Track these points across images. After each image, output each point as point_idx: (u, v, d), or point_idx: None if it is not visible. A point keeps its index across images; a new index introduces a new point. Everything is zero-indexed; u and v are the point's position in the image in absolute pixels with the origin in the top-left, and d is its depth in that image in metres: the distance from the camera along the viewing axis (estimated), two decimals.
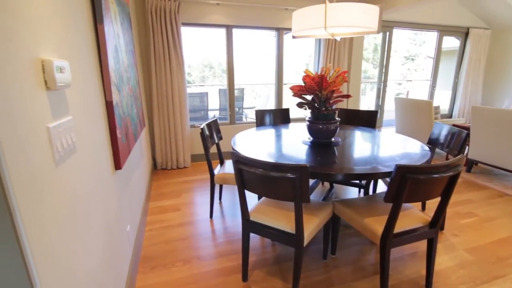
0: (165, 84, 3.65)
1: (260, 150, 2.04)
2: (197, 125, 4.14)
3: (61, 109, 0.92)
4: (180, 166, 3.95)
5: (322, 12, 1.96)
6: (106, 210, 1.36)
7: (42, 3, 0.84)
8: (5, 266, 0.63)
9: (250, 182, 1.57)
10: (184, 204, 2.90)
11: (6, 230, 0.62)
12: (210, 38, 4.44)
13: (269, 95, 6.19)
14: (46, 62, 0.81)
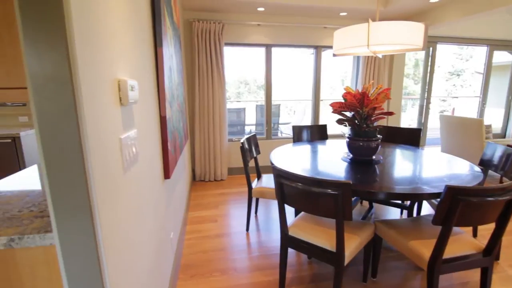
0: (207, 100, 3.85)
1: (298, 165, 2.06)
2: (235, 139, 4.27)
3: (129, 123, 1.04)
4: (217, 178, 4.07)
5: (365, 31, 1.98)
6: (157, 216, 1.46)
7: (121, 33, 0.98)
8: (82, 253, 0.73)
9: (290, 197, 1.59)
10: (221, 216, 2.97)
11: (86, 224, 0.72)
12: (246, 56, 4.64)
13: (305, 111, 6.20)
14: (122, 81, 0.93)
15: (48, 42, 0.61)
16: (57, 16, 0.60)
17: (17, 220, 0.93)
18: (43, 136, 0.65)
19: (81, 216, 0.70)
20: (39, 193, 1.19)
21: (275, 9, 3.75)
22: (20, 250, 0.86)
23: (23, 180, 1.38)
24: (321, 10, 3.84)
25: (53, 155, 0.66)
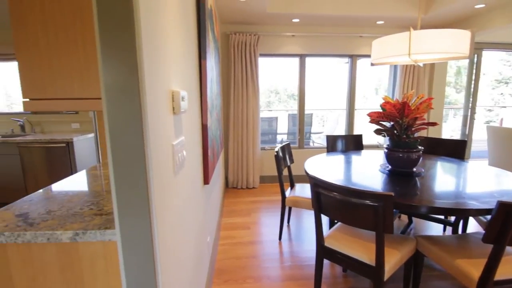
0: (241, 110, 3.95)
1: (332, 175, 2.04)
2: (267, 148, 4.31)
3: (179, 130, 1.11)
4: (250, 186, 4.12)
5: (406, 40, 1.94)
6: (197, 219, 1.53)
7: (175, 48, 1.07)
8: (140, 249, 0.79)
9: (328, 207, 1.58)
10: (253, 223, 3.00)
11: (145, 222, 0.78)
12: (277, 65, 4.73)
13: (338, 120, 6.10)
14: (175, 92, 1.01)
15: (122, 60, 0.69)
16: (130, 39, 0.68)
17: (80, 217, 1.03)
18: (113, 140, 0.73)
19: (141, 215, 0.77)
20: (94, 193, 1.31)
21: (310, 19, 3.79)
22: (83, 244, 0.95)
23: (76, 183, 1.52)
24: (357, 19, 3.81)
25: (120, 158, 0.73)
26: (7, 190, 3.28)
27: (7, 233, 0.92)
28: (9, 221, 1.00)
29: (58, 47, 0.83)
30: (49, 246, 0.94)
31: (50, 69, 0.85)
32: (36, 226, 0.96)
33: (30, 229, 0.94)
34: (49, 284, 0.97)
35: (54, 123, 3.83)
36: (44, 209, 1.11)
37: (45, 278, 0.97)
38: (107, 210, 1.09)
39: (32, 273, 0.96)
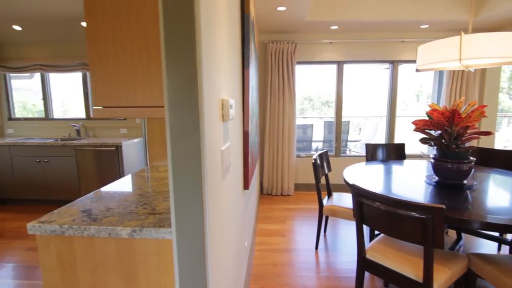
0: (277, 117, 3.98)
1: (374, 185, 1.97)
2: (303, 155, 4.28)
3: (226, 136, 1.17)
4: (284, 193, 4.11)
5: (456, 44, 1.84)
6: (237, 223, 1.57)
7: (224, 59, 1.13)
8: (193, 248, 0.84)
9: (370, 217, 1.54)
10: (289, 231, 2.98)
11: (199, 223, 0.83)
12: (311, 72, 4.71)
13: (377, 128, 5.88)
14: (225, 101, 1.07)
15: (184, 72, 0.75)
16: (192, 54, 0.75)
17: (136, 215, 1.12)
18: (173, 145, 0.79)
19: (196, 216, 0.82)
20: (146, 193, 1.40)
21: (349, 26, 3.74)
22: (139, 240, 1.03)
23: (129, 184, 1.64)
24: (399, 24, 3.68)
25: (179, 161, 0.79)
26: (64, 188, 3.62)
27: (75, 226, 1.03)
28: (75, 216, 1.12)
29: (125, 61, 0.93)
30: (110, 240, 1.04)
31: (117, 80, 0.94)
32: (99, 221, 1.06)
33: (94, 224, 1.04)
34: (108, 276, 1.06)
35: (105, 128, 4.17)
36: (104, 206, 1.22)
37: (104, 270, 1.06)
38: (159, 210, 1.17)
39: (94, 264, 1.06)
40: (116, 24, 0.92)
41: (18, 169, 3.62)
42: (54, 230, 1.04)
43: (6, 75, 4.26)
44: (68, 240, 1.05)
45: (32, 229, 1.05)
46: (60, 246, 1.06)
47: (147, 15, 0.90)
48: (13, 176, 3.64)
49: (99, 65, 0.94)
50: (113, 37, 0.92)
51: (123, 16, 0.91)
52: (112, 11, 0.91)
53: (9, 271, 2.31)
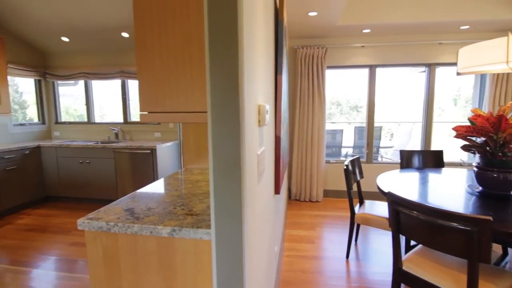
0: (306, 122, 3.95)
1: (410, 194, 1.89)
2: (332, 161, 4.20)
3: (261, 141, 1.19)
4: (313, 199, 4.06)
5: (503, 46, 1.73)
6: (269, 227, 1.58)
7: (260, 65, 1.16)
8: (230, 249, 0.86)
9: (408, 227, 1.48)
10: (318, 238, 2.93)
11: (238, 225, 0.85)
12: (340, 76, 4.63)
13: (411, 134, 5.63)
14: (261, 106, 1.09)
15: (226, 80, 0.78)
16: (234, 62, 0.78)
17: (174, 215, 1.17)
18: (214, 148, 0.82)
19: (235, 218, 0.84)
20: (182, 195, 1.46)
21: (382, 29, 3.64)
22: (178, 240, 1.07)
23: (166, 185, 1.72)
24: (436, 25, 3.52)
25: (220, 165, 0.82)
26: (103, 188, 3.85)
27: (120, 224, 1.10)
28: (120, 214, 1.19)
29: (170, 70, 0.98)
30: (151, 238, 1.09)
31: (162, 88, 1.00)
32: (141, 220, 1.12)
33: (137, 222, 1.10)
34: (148, 273, 1.12)
35: (140, 132, 4.38)
36: (145, 206, 1.29)
37: (145, 267, 1.12)
38: (196, 211, 1.21)
39: (136, 260, 1.12)
40: (162, 35, 0.98)
41: (63, 169, 3.91)
42: (101, 227, 1.11)
43: (55, 83, 4.64)
44: (113, 236, 1.12)
45: (81, 225, 1.14)
46: (106, 242, 1.13)
47: (191, 27, 0.95)
48: (59, 175, 3.94)
49: (146, 73, 1.01)
50: (160, 47, 0.98)
51: (168, 27, 0.97)
52: (158, 22, 0.98)
53: (53, 264, 2.49)
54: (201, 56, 0.96)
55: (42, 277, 2.30)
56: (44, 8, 3.38)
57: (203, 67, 0.96)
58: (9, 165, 3.51)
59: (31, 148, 3.81)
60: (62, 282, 2.22)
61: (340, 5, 2.88)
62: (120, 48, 4.25)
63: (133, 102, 4.56)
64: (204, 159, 2.10)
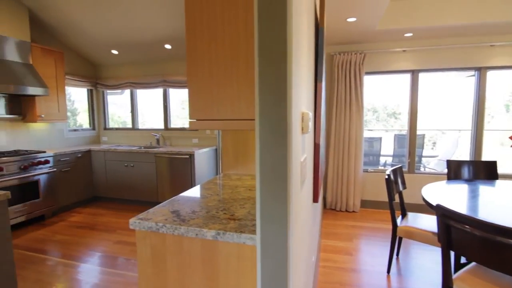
0: (343, 129, 3.86)
1: (459, 207, 1.76)
2: (370, 170, 4.04)
3: (303, 148, 1.19)
4: (349, 209, 3.92)
5: None
6: (308, 235, 1.56)
7: (304, 73, 1.17)
8: (275, 255, 0.87)
9: (460, 243, 1.37)
10: (356, 250, 2.82)
11: (283, 231, 0.86)
12: (376, 82, 4.46)
13: (458, 143, 5.24)
14: (305, 114, 1.10)
15: (275, 89, 0.81)
16: (283, 73, 0.80)
17: (218, 219, 1.21)
18: (262, 154, 0.84)
19: (281, 224, 0.85)
20: (223, 200, 1.50)
21: (426, 32, 3.47)
22: (221, 243, 1.10)
23: (206, 190, 1.78)
24: (487, 27, 3.28)
25: (267, 171, 0.84)
26: (145, 190, 4.07)
27: (168, 225, 1.16)
28: (167, 216, 1.26)
29: (218, 80, 1.03)
30: (196, 240, 1.14)
31: (210, 97, 1.06)
32: (187, 222, 1.18)
33: (183, 224, 1.16)
34: (192, 273, 1.16)
35: (179, 138, 4.59)
36: (189, 209, 1.35)
37: (189, 268, 1.17)
38: (238, 216, 1.24)
39: (181, 261, 1.17)
40: (212, 48, 1.04)
41: (110, 172, 4.20)
42: (151, 227, 1.18)
43: (104, 92, 5.04)
44: (161, 237, 1.18)
45: (133, 224, 1.22)
46: (154, 242, 1.20)
47: (239, 39, 1.00)
48: (106, 177, 4.24)
49: (196, 83, 1.07)
50: (209, 59, 1.04)
51: (218, 39, 1.03)
52: (209, 35, 1.04)
53: (99, 260, 2.67)
54: (247, 67, 0.99)
55: (89, 271, 2.48)
56: (98, 24, 3.71)
57: (249, 78, 1.00)
58: (64, 167, 3.86)
59: (83, 152, 4.16)
60: (106, 277, 2.38)
61: (380, 10, 2.81)
62: (163, 59, 4.52)
63: (173, 110, 4.80)
64: (241, 165, 2.14)
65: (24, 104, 3.75)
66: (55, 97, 3.91)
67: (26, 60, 3.52)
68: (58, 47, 4.25)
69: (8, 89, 3.13)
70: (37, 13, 3.63)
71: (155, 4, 3.23)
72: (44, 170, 3.53)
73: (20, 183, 3.27)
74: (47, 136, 4.16)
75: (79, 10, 3.48)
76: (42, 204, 3.54)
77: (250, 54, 0.99)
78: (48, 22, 3.81)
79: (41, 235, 3.20)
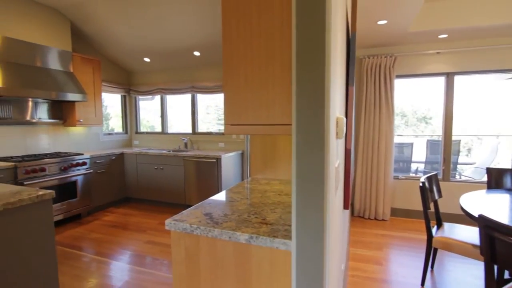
0: (372, 134, 3.75)
1: (502, 218, 1.64)
2: (401, 177, 3.89)
3: (337, 154, 1.18)
4: (378, 217, 3.79)
5: None
6: (338, 243, 1.52)
7: (337, 78, 1.16)
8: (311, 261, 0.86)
9: (506, 257, 1.28)
10: (386, 260, 2.72)
11: (319, 237, 0.85)
12: (405, 86, 4.28)
13: (497, 149, 4.91)
14: (339, 119, 1.09)
15: (312, 96, 0.81)
16: (321, 79, 0.80)
17: (250, 223, 1.22)
18: (299, 161, 0.84)
19: (317, 231, 0.84)
20: (253, 204, 1.51)
21: (463, 33, 3.30)
22: (254, 247, 1.11)
23: (235, 193, 1.80)
24: None
25: (303, 177, 0.84)
26: (173, 192, 4.19)
27: (202, 227, 1.19)
28: (200, 218, 1.29)
29: (253, 86, 1.06)
30: (229, 243, 1.15)
31: (245, 102, 1.08)
32: (220, 225, 1.20)
33: (216, 226, 1.18)
34: (225, 276, 1.18)
35: (206, 142, 4.69)
36: (221, 212, 1.37)
37: (222, 271, 1.18)
38: (270, 220, 1.24)
39: (214, 264, 1.19)
40: (247, 53, 1.06)
41: (141, 174, 4.38)
42: (185, 228, 1.22)
43: (136, 98, 5.28)
44: (195, 238, 1.21)
45: (168, 225, 1.26)
46: (188, 243, 1.23)
47: (274, 46, 1.01)
48: (137, 179, 4.42)
49: (232, 89, 1.10)
50: (245, 65, 1.06)
51: (254, 46, 1.05)
52: (244, 42, 1.06)
53: (130, 258, 2.78)
54: (283, 74, 1.00)
55: (120, 268, 2.58)
56: (132, 34, 3.91)
57: (284, 83, 1.00)
58: (100, 168, 4.08)
59: (116, 155, 4.37)
60: (136, 275, 2.46)
61: (413, 12, 2.72)
62: (191, 65, 4.66)
63: (201, 115, 4.91)
64: (270, 170, 2.15)
65: (64, 109, 4.01)
66: (92, 102, 4.15)
67: (67, 69, 3.77)
68: (95, 55, 4.53)
69: (51, 95, 3.37)
70: (78, 25, 3.90)
71: (184, 13, 3.35)
72: (81, 171, 3.75)
73: (60, 183, 3.49)
74: (84, 139, 4.42)
75: (115, 22, 3.69)
76: (79, 204, 3.75)
77: (285, 60, 1.00)
78: (87, 33, 4.08)
79: (78, 233, 3.39)
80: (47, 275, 1.74)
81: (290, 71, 0.96)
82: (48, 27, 3.55)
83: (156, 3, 3.25)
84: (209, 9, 3.23)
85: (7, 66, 3.10)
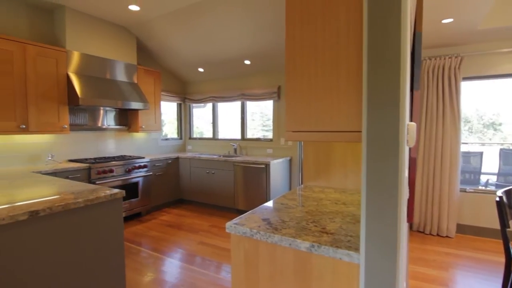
0: (434, 141, 3.45)
1: None
2: (469, 190, 3.50)
3: (406, 162, 1.10)
4: (442, 233, 3.45)
5: None
6: (404, 257, 1.42)
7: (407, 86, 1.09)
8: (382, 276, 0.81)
9: None
10: (453, 282, 2.45)
11: (391, 251, 0.81)
12: (468, 89, 3.82)
13: None
14: (410, 125, 1.02)
15: (386, 103, 0.77)
16: (396, 84, 0.76)
17: (309, 231, 1.20)
18: (370, 169, 0.81)
19: (389, 244, 0.80)
20: (310, 212, 1.49)
21: None
22: (315, 256, 1.09)
23: (295, 201, 1.79)
24: None
25: (375, 188, 0.81)
26: (223, 196, 4.33)
27: (262, 232, 1.20)
28: (259, 223, 1.31)
29: (317, 93, 1.05)
30: (289, 250, 1.15)
31: (308, 109, 1.08)
32: (279, 231, 1.20)
33: (276, 232, 1.19)
34: (284, 283, 1.17)
35: (254, 148, 4.77)
36: (279, 218, 1.37)
37: (280, 277, 1.18)
38: (330, 230, 1.21)
39: (273, 270, 1.20)
40: (311, 61, 1.06)
41: (194, 177, 4.61)
42: (245, 232, 1.24)
43: (191, 105, 5.60)
44: (254, 243, 1.23)
45: (229, 228, 1.30)
46: (248, 247, 1.25)
47: (339, 53, 1.00)
48: (190, 182, 4.66)
49: (294, 96, 1.11)
50: (308, 72, 1.07)
51: (318, 54, 1.05)
52: (308, 50, 1.07)
53: (183, 257, 2.92)
54: (349, 81, 0.98)
55: (173, 265, 2.73)
56: (188, 48, 4.18)
57: (350, 90, 0.98)
58: (158, 171, 4.39)
59: (172, 159, 4.67)
60: (188, 273, 2.58)
61: (485, 8, 2.47)
62: (242, 74, 4.80)
63: (250, 121, 5.02)
64: (323, 177, 2.10)
65: (129, 116, 4.42)
66: (153, 110, 4.51)
67: (132, 80, 4.16)
68: (156, 67, 4.93)
69: (117, 104, 3.74)
70: (142, 40, 4.29)
71: (235, 22, 3.48)
72: (142, 173, 4.08)
73: (124, 183, 3.83)
74: (144, 144, 4.81)
75: (174, 37, 3.99)
76: (140, 203, 4.07)
77: (352, 66, 0.98)
78: (150, 47, 4.47)
79: (139, 230, 3.68)
80: (116, 264, 1.92)
81: (356, 74, 0.94)
82: (117, 43, 3.96)
83: (210, 18, 3.43)
84: (260, 21, 3.31)
85: (84, 79, 3.53)
